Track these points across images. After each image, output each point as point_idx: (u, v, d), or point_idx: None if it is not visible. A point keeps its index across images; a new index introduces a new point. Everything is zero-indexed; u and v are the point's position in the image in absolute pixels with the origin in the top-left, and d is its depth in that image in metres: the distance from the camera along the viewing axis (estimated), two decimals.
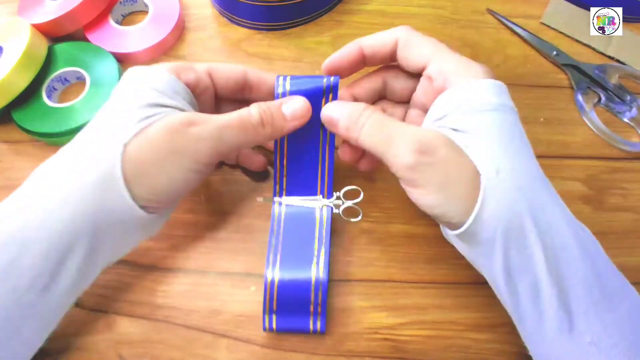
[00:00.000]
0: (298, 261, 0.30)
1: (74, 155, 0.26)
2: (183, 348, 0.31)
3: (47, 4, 0.42)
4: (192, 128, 0.26)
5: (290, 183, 0.32)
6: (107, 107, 0.28)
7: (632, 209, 0.38)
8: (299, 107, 0.29)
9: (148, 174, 0.25)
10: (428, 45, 0.29)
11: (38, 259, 0.24)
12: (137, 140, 0.25)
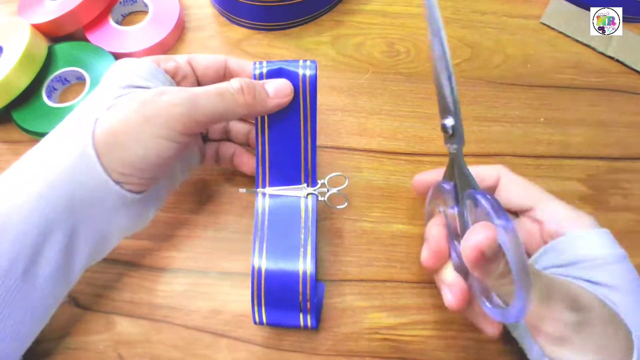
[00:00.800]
0: (285, 252, 0.29)
1: (52, 138, 0.27)
2: (183, 348, 0.31)
3: (47, 4, 0.42)
4: (164, 96, 0.25)
5: (273, 173, 0.31)
6: (91, 94, 0.28)
7: (633, 209, 0.38)
8: (282, 85, 0.29)
9: (120, 143, 0.25)
10: (534, 188, 0.29)
11: (14, 243, 0.23)
12: (109, 112, 0.25)
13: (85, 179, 0.25)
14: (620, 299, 0.24)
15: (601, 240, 0.27)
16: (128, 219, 0.28)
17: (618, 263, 0.26)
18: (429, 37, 0.27)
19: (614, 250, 0.26)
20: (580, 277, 0.25)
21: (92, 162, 0.25)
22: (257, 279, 0.28)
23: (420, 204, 0.37)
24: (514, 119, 0.41)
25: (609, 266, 0.26)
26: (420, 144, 0.40)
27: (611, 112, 0.42)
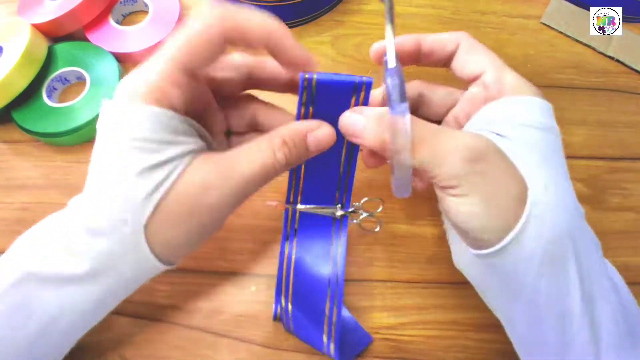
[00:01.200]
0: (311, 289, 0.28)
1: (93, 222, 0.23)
2: (184, 348, 0.31)
3: (47, 4, 0.42)
4: (212, 195, 0.23)
5: (307, 190, 0.29)
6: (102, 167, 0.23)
7: (633, 209, 0.38)
8: (325, 139, 0.26)
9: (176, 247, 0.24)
10: (488, 55, 0.29)
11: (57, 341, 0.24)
12: (157, 222, 0.23)
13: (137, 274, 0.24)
14: (528, 156, 0.24)
15: (532, 107, 0.26)
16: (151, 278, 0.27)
17: (538, 129, 0.25)
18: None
19: (542, 119, 0.25)
20: (492, 131, 0.25)
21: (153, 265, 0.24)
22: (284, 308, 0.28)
23: (420, 204, 0.37)
24: None
25: (526, 129, 0.25)
26: None
27: (611, 112, 0.42)
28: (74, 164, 0.38)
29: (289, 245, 0.29)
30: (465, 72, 0.29)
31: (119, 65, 0.41)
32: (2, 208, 0.36)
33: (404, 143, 0.22)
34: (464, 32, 0.30)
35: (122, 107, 0.23)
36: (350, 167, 0.29)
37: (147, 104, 0.22)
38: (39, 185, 0.37)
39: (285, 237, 0.29)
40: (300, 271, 0.28)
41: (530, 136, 0.25)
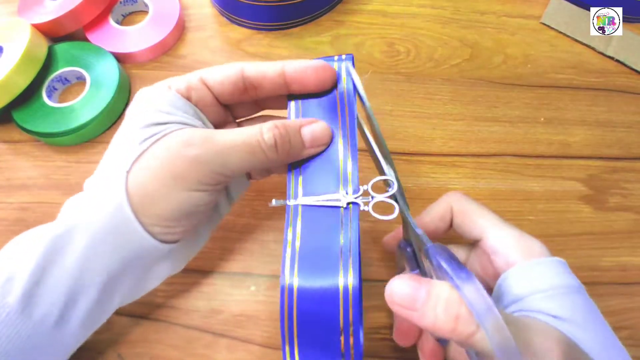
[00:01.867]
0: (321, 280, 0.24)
1: (88, 192, 0.26)
2: (182, 348, 0.31)
3: (47, 4, 0.42)
4: (191, 150, 0.24)
5: (307, 181, 0.26)
6: (116, 134, 0.27)
7: (633, 209, 0.38)
8: (321, 132, 0.26)
9: (154, 202, 0.24)
10: (481, 216, 0.28)
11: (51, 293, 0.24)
12: (138, 168, 0.24)
13: (125, 238, 0.25)
14: (579, 333, 0.23)
15: (553, 270, 0.25)
16: (167, 270, 0.28)
17: (573, 294, 0.24)
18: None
19: (569, 281, 0.25)
20: (538, 310, 0.24)
21: (131, 222, 0.24)
22: (287, 318, 0.24)
23: (420, 204, 0.37)
24: (514, 119, 0.41)
25: (564, 297, 0.24)
26: (421, 143, 0.40)
27: (611, 112, 0.42)
28: (74, 164, 0.38)
29: (292, 249, 0.25)
30: (466, 236, 0.29)
31: (119, 65, 0.41)
32: (2, 208, 0.36)
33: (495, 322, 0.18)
34: (453, 194, 0.30)
35: (149, 88, 0.27)
36: (351, 149, 0.26)
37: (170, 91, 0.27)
38: (39, 185, 0.37)
39: (286, 240, 0.25)
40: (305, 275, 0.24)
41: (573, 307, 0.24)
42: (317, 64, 0.26)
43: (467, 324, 0.19)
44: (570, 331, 0.23)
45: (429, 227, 0.29)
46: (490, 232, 0.27)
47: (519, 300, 0.25)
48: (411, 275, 0.22)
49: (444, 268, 0.21)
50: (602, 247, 0.36)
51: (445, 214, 0.29)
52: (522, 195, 0.38)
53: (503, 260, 0.26)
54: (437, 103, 0.42)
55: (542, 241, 0.36)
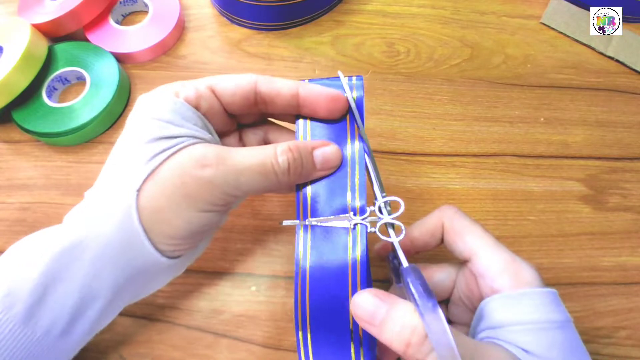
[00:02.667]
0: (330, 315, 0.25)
1: (94, 204, 0.25)
2: (184, 348, 0.31)
3: (47, 4, 0.42)
4: (205, 171, 0.23)
5: (316, 201, 0.27)
6: (118, 144, 0.26)
7: (632, 209, 0.38)
8: (332, 155, 0.26)
9: (164, 220, 0.24)
10: (473, 235, 0.27)
11: (57, 306, 0.23)
12: (150, 185, 0.24)
13: (133, 254, 0.24)
14: None
15: (538, 302, 0.24)
16: (167, 278, 0.28)
17: (555, 330, 0.23)
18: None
19: (553, 315, 0.24)
20: (511, 341, 0.23)
21: (140, 239, 0.24)
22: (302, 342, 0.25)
23: (420, 204, 0.37)
24: (514, 119, 0.41)
25: (543, 332, 0.23)
26: (421, 143, 0.40)
27: (611, 112, 0.42)
28: (74, 164, 0.38)
29: (302, 271, 0.25)
30: (456, 255, 0.28)
31: (119, 65, 0.41)
32: (3, 208, 0.36)
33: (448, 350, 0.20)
34: (447, 208, 0.28)
35: (151, 95, 0.26)
36: (359, 170, 0.27)
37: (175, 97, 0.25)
38: (39, 185, 0.37)
39: (297, 260, 0.26)
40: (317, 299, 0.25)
41: (549, 344, 0.23)
42: (331, 94, 0.26)
43: (417, 351, 0.20)
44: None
45: (418, 242, 0.29)
46: (480, 254, 0.26)
47: (495, 328, 0.24)
48: (377, 291, 0.23)
49: (412, 292, 0.21)
50: (602, 247, 0.36)
51: (436, 230, 0.28)
52: (521, 195, 0.38)
53: (489, 285, 0.25)
54: (437, 103, 0.42)
55: (541, 241, 0.36)
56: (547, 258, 0.35)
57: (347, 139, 0.27)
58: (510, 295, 0.24)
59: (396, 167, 0.38)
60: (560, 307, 0.24)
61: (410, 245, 0.29)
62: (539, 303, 0.24)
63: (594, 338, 0.33)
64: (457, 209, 0.28)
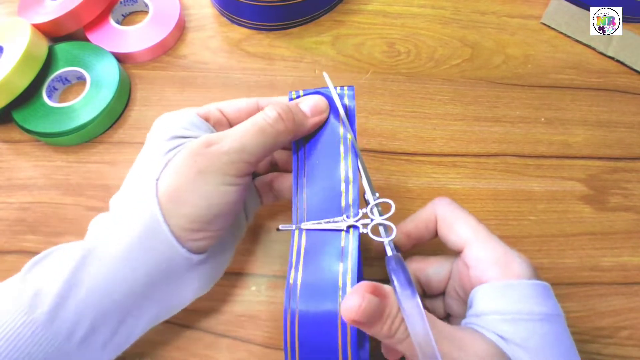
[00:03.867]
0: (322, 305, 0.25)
1: (118, 209, 0.26)
2: (184, 348, 0.31)
3: (47, 4, 0.42)
4: (212, 147, 0.25)
5: (311, 205, 0.28)
6: (140, 155, 0.28)
7: (634, 209, 0.38)
8: (316, 101, 0.28)
9: (182, 200, 0.25)
10: (466, 226, 0.27)
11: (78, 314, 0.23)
12: (166, 173, 0.25)
13: (152, 245, 0.25)
14: (526, 358, 0.23)
15: (525, 294, 0.24)
16: (193, 286, 0.27)
17: (537, 321, 0.23)
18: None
19: (537, 308, 0.24)
20: (491, 329, 0.24)
21: (159, 227, 0.24)
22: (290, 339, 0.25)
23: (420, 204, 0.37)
24: (515, 119, 0.41)
25: (523, 323, 0.23)
26: (421, 143, 0.40)
27: (611, 112, 0.42)
28: (74, 164, 0.38)
29: (295, 272, 0.26)
30: (449, 246, 0.28)
31: (119, 65, 0.41)
32: (3, 208, 0.36)
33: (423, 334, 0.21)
34: (440, 200, 0.29)
35: (169, 113, 0.29)
36: (352, 174, 0.28)
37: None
38: (40, 185, 0.37)
39: (290, 264, 0.26)
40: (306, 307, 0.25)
41: (530, 335, 0.23)
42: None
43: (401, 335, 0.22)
44: (515, 354, 0.23)
45: (413, 235, 0.29)
46: (472, 244, 0.26)
47: (478, 316, 0.24)
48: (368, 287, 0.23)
49: (392, 279, 0.23)
50: (603, 247, 0.36)
51: (429, 222, 0.28)
52: (522, 195, 0.38)
53: (479, 276, 0.25)
54: (438, 103, 0.42)
55: (542, 241, 0.36)
56: (548, 258, 0.35)
57: (340, 145, 0.28)
58: (496, 285, 0.25)
59: (397, 167, 0.38)
60: (550, 301, 0.24)
61: (406, 239, 0.29)
62: (524, 294, 0.24)
63: (595, 338, 0.33)
64: (451, 201, 0.28)
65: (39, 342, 0.23)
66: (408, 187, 0.37)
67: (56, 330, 0.23)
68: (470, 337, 0.23)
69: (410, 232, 0.29)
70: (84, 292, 0.23)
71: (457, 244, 0.27)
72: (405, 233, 0.29)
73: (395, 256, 0.24)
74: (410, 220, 0.29)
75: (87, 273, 0.24)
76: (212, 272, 0.28)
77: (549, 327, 0.24)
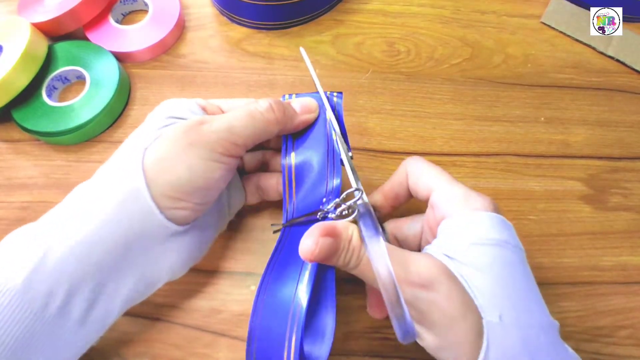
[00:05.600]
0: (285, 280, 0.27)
1: (102, 173, 0.27)
2: (183, 347, 0.31)
3: (47, 3, 0.42)
4: (204, 125, 0.27)
5: (299, 205, 0.30)
6: (138, 128, 0.30)
7: (633, 209, 0.38)
8: (307, 101, 0.31)
9: (167, 168, 0.26)
10: (431, 175, 0.28)
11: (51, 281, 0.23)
12: (156, 142, 0.27)
13: (133, 207, 0.25)
14: (481, 280, 0.23)
15: (483, 223, 0.25)
16: (173, 256, 0.28)
17: (490, 246, 0.24)
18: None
19: (494, 235, 0.25)
20: (440, 250, 0.25)
21: (141, 189, 0.25)
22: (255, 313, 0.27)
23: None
24: (515, 119, 0.41)
25: (477, 248, 0.24)
26: (421, 143, 0.40)
27: (611, 111, 0.42)
28: (74, 163, 0.38)
29: (275, 256, 0.28)
30: (419, 196, 0.29)
31: (119, 64, 0.41)
32: (2, 207, 0.36)
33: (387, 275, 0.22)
34: (411, 158, 0.30)
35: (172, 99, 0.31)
36: (336, 175, 0.29)
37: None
38: (39, 185, 0.37)
39: (274, 251, 0.29)
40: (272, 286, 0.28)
41: (481, 256, 0.24)
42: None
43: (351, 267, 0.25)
44: (459, 270, 0.24)
45: (388, 195, 0.30)
46: (436, 189, 0.27)
47: (432, 244, 0.26)
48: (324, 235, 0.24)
49: (360, 225, 0.25)
50: (603, 247, 0.36)
51: (402, 179, 0.30)
52: (522, 195, 0.38)
53: (442, 215, 0.27)
54: (438, 102, 0.42)
55: (542, 240, 0.36)
56: (547, 257, 0.35)
57: (327, 144, 0.30)
58: (457, 218, 0.26)
59: (397, 166, 0.38)
60: (507, 232, 0.25)
61: (383, 199, 0.30)
62: (484, 224, 0.25)
63: (594, 337, 0.33)
64: (420, 158, 0.30)
65: (17, 308, 0.23)
66: None
67: (32, 298, 0.23)
68: (417, 257, 0.24)
69: (386, 192, 0.30)
70: (59, 256, 0.24)
71: (425, 192, 0.28)
72: (382, 194, 0.30)
73: (363, 204, 0.27)
74: (386, 183, 0.31)
75: (66, 237, 0.24)
76: (190, 249, 0.29)
77: (503, 252, 0.24)
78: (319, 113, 0.31)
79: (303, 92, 0.33)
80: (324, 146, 0.30)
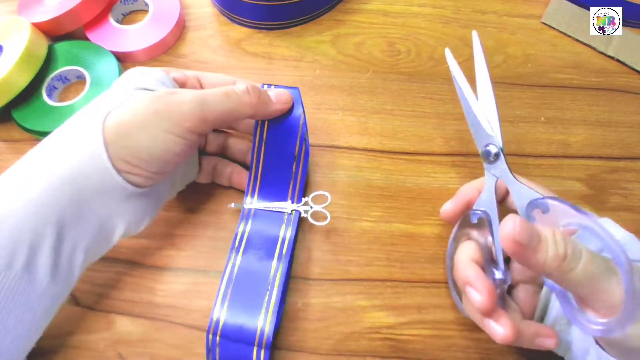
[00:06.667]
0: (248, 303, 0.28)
1: (61, 131, 0.27)
2: (182, 347, 0.31)
3: (47, 3, 0.42)
4: (175, 95, 0.27)
5: (263, 190, 0.32)
6: (100, 95, 0.29)
7: (633, 209, 0.37)
8: (282, 92, 0.32)
9: (128, 133, 0.26)
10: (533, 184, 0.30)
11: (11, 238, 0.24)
12: (121, 107, 0.26)
13: (91, 165, 0.25)
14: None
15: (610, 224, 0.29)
16: (128, 215, 0.28)
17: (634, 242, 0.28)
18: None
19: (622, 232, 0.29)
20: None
21: (99, 149, 0.25)
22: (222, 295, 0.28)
23: (420, 203, 0.37)
24: (515, 119, 0.41)
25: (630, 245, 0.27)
26: (421, 143, 0.40)
27: (611, 111, 0.42)
28: None
29: (239, 240, 0.30)
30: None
31: (119, 64, 0.41)
32: None
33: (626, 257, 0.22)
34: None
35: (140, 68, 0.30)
36: (303, 165, 0.32)
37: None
38: None
39: (237, 233, 0.31)
40: (243, 274, 0.29)
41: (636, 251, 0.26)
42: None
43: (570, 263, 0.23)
44: None
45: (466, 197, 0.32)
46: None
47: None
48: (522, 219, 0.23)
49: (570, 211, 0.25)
50: None
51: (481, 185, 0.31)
52: None
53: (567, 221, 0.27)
54: (438, 102, 0.42)
55: None
56: None
57: (297, 140, 0.32)
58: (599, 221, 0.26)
59: (396, 166, 0.38)
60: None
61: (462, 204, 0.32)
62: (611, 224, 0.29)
63: None
64: None
65: None
66: (407, 187, 0.37)
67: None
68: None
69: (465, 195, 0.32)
70: (18, 214, 0.24)
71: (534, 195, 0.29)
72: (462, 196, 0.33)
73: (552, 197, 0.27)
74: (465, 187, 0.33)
75: (24, 195, 0.24)
76: (145, 210, 0.29)
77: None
78: (294, 107, 0.32)
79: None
80: (294, 139, 0.32)
